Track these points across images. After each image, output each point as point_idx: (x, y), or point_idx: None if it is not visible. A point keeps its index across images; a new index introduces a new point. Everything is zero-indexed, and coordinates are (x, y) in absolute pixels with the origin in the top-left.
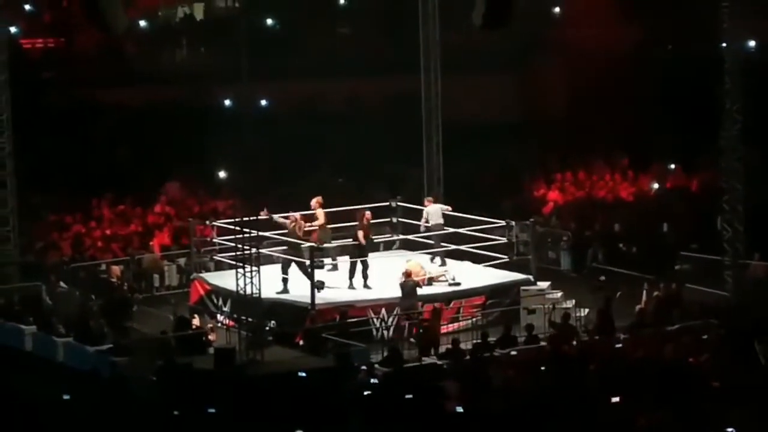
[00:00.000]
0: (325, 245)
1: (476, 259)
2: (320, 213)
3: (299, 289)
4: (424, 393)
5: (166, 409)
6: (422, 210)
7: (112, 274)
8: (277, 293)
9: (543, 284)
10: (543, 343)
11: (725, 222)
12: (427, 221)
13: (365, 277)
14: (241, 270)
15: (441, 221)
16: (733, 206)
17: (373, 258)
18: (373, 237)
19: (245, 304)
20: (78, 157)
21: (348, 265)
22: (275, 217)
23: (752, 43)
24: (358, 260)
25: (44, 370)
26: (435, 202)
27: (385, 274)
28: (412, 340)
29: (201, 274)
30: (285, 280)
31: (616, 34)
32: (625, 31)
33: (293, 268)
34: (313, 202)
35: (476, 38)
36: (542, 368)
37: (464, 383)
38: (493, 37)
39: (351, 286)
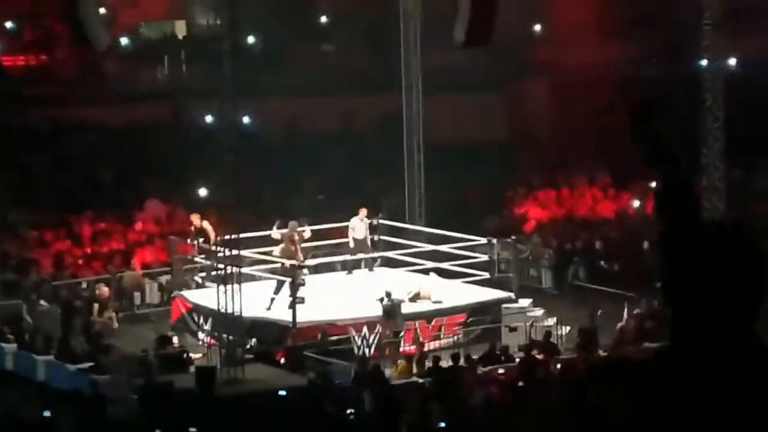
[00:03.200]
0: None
1: (452, 275)
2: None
3: (280, 306)
4: (406, 411)
5: (147, 428)
6: (404, 228)
7: (101, 294)
8: (267, 309)
9: (524, 302)
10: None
11: None
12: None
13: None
14: (222, 288)
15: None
16: None
17: (356, 276)
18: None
19: (226, 323)
20: (58, 174)
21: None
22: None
23: (733, 61)
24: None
25: (25, 388)
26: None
27: (367, 292)
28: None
29: (182, 292)
30: (272, 300)
31: (601, 53)
32: (610, 50)
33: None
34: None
35: (459, 57)
36: (520, 384)
37: (445, 401)
38: (475, 56)
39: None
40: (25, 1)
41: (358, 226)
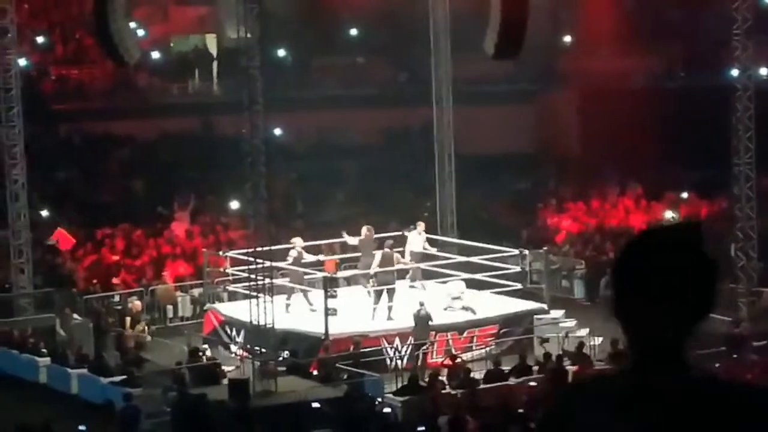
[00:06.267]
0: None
1: (484, 286)
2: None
3: (315, 318)
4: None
5: None
6: (435, 239)
7: (133, 308)
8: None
9: (556, 313)
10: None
11: (739, 250)
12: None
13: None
14: (254, 300)
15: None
16: (747, 234)
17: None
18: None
19: (259, 335)
20: (91, 188)
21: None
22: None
23: (764, 71)
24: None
25: (58, 402)
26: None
27: (399, 304)
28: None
29: (214, 305)
30: (374, 310)
31: (629, 64)
32: (638, 61)
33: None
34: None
35: (490, 69)
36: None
37: (478, 412)
38: (506, 68)
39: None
40: (56, 16)
41: (415, 239)
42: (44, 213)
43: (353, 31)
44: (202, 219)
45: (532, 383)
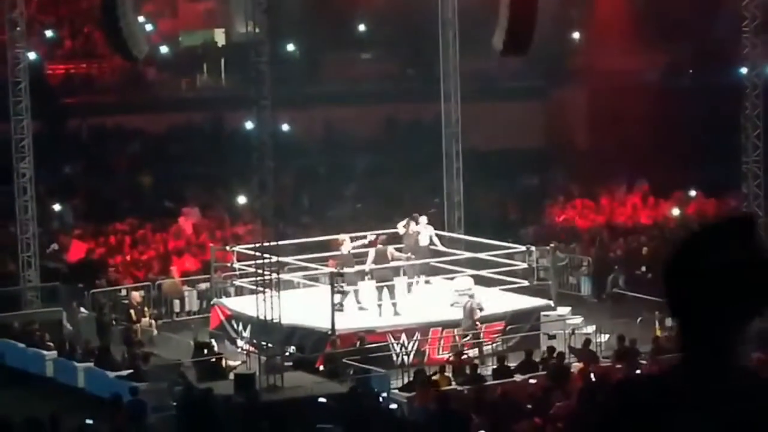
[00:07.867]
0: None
1: (491, 283)
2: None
3: (320, 313)
4: (447, 419)
5: None
6: (442, 235)
7: (132, 301)
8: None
9: (563, 310)
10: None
11: None
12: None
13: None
14: (261, 295)
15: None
16: None
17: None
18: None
19: (265, 330)
20: (99, 182)
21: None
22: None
23: None
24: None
25: (65, 395)
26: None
27: (405, 299)
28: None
29: (221, 300)
30: (380, 306)
31: (638, 61)
32: (647, 58)
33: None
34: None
35: (499, 65)
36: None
37: (485, 409)
38: (515, 64)
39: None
40: (64, 10)
41: (421, 233)
42: (56, 207)
43: (362, 27)
44: (210, 213)
45: (533, 380)
